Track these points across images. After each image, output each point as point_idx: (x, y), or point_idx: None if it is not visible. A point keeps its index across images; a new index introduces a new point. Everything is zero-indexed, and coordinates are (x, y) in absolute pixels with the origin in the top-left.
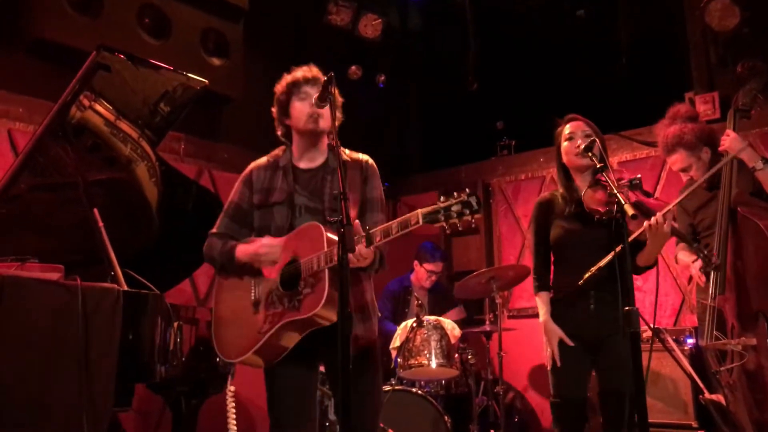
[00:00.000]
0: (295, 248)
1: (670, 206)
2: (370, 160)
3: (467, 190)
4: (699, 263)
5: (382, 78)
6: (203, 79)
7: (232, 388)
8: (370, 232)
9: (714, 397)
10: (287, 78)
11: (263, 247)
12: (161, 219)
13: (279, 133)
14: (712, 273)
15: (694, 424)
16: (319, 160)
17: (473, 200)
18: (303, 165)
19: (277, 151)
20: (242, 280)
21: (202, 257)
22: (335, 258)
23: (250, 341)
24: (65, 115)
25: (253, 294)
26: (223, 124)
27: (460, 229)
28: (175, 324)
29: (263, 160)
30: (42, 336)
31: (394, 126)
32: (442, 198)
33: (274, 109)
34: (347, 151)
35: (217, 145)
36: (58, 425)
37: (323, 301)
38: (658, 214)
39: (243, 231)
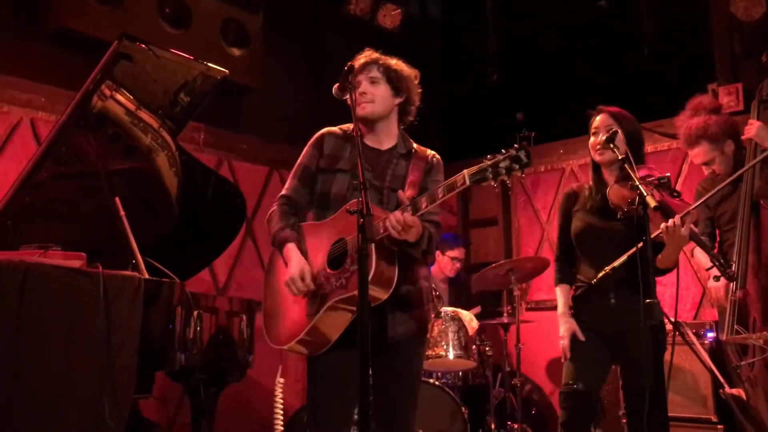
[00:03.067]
0: (340, 228)
1: (690, 209)
2: (438, 156)
3: (515, 144)
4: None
5: None
6: (223, 69)
7: (282, 380)
8: (415, 198)
9: (734, 391)
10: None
11: (294, 278)
12: (181, 208)
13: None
14: (734, 265)
15: (714, 419)
16: (387, 144)
17: (522, 154)
18: (371, 143)
19: (349, 125)
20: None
21: (221, 247)
22: (381, 230)
23: (300, 326)
24: (87, 105)
25: None
26: (243, 114)
27: (509, 185)
28: (195, 312)
29: (335, 128)
30: (64, 322)
31: (413, 117)
32: (488, 156)
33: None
34: (416, 145)
35: (237, 136)
36: (80, 411)
37: (371, 276)
38: (676, 217)
39: (307, 194)
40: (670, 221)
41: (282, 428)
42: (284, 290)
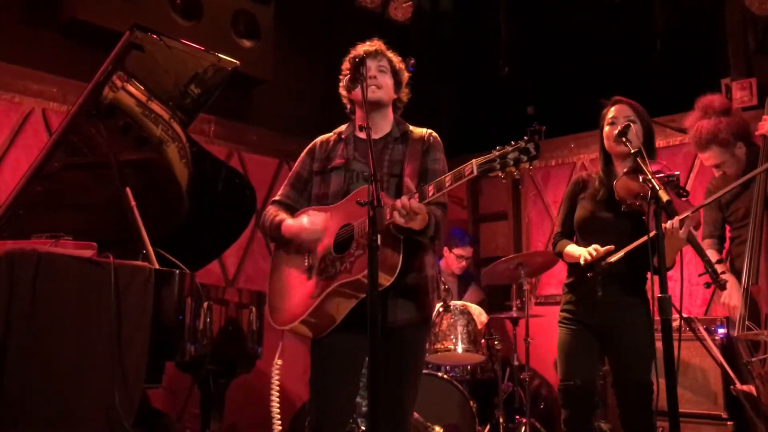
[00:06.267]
0: (348, 213)
1: (688, 213)
2: (434, 133)
3: (525, 137)
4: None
5: (412, 62)
6: (234, 61)
7: (279, 362)
8: (422, 186)
9: (745, 387)
10: (351, 54)
11: (305, 229)
12: (191, 200)
13: (347, 110)
14: (746, 262)
15: (724, 415)
16: (383, 132)
17: (531, 146)
18: (364, 136)
19: (342, 127)
20: (298, 247)
21: (231, 238)
22: (388, 216)
23: (303, 307)
24: (98, 96)
25: (306, 261)
26: (253, 106)
27: (516, 177)
28: (205, 304)
29: (328, 134)
30: (75, 311)
31: (423, 110)
32: (497, 147)
33: (342, 87)
34: (411, 126)
35: (247, 127)
36: (91, 399)
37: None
38: (675, 219)
39: (301, 199)
40: (669, 223)
41: (279, 410)
42: (290, 272)
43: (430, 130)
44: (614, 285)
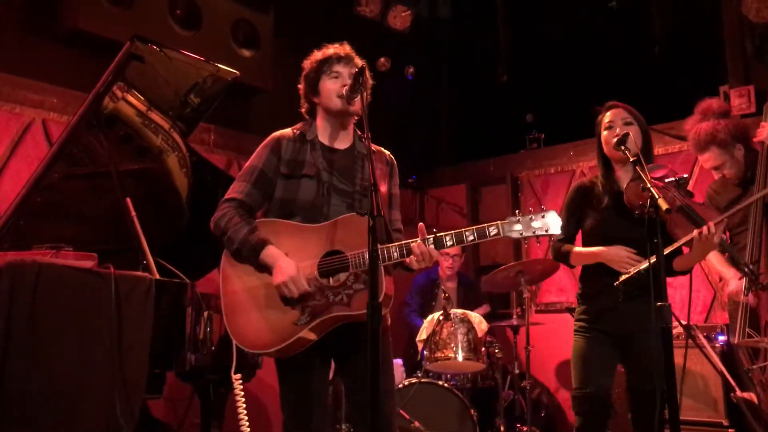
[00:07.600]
0: (334, 239)
1: (724, 217)
2: (392, 156)
3: (543, 207)
4: (738, 279)
5: (411, 70)
6: (234, 70)
7: (238, 375)
8: (437, 234)
9: (746, 395)
10: (317, 54)
11: (291, 278)
12: (191, 209)
13: (303, 110)
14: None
15: (725, 422)
16: (346, 143)
17: (552, 216)
18: (330, 144)
19: (301, 125)
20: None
21: None
22: (395, 256)
23: (285, 333)
24: (99, 106)
25: None
26: (253, 115)
27: (538, 243)
28: (205, 313)
29: (288, 131)
30: (76, 322)
31: (423, 118)
32: (518, 212)
33: (301, 86)
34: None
35: (247, 137)
36: (92, 408)
37: (381, 297)
38: (710, 224)
39: (264, 201)
40: (704, 228)
41: (247, 422)
42: (258, 293)
43: (387, 151)
44: (636, 292)
